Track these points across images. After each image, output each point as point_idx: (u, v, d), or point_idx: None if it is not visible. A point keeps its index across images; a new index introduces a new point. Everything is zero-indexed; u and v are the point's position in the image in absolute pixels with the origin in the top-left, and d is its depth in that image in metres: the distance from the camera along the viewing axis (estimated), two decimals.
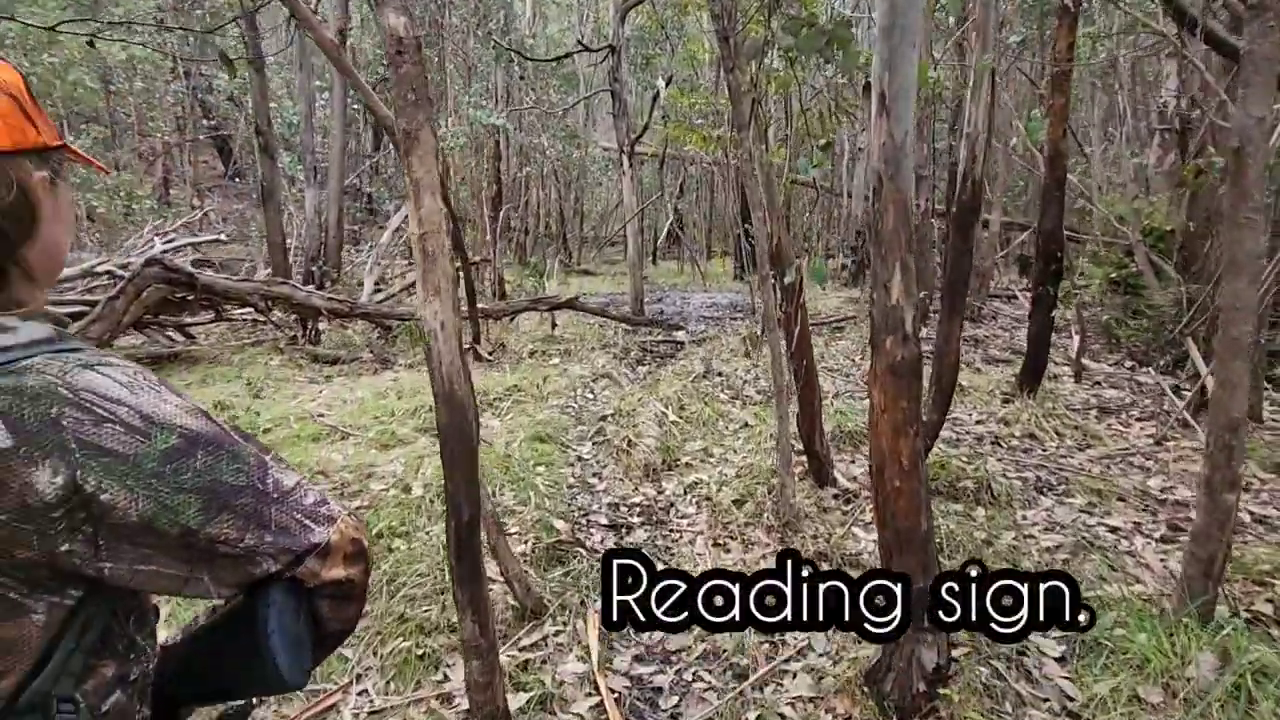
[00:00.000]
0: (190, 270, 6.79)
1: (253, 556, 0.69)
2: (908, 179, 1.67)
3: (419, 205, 1.56)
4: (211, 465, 0.66)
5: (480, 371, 6.58)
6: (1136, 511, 3.42)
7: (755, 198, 2.79)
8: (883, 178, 1.66)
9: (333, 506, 0.77)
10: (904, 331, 1.74)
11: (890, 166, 1.65)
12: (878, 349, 1.79)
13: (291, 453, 4.28)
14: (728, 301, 11.76)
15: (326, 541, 0.74)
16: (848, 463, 4.06)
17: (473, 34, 11.04)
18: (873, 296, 1.77)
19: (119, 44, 9.73)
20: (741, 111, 2.66)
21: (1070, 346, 6.62)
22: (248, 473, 0.69)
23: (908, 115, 1.63)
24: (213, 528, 0.65)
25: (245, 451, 0.70)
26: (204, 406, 0.71)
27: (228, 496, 0.66)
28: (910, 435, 1.82)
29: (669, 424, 4.72)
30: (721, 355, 7.22)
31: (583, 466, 4.20)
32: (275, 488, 0.71)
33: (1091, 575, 2.80)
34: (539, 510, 3.40)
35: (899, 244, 1.69)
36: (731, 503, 3.44)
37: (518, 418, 5.04)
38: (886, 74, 1.61)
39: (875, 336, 1.79)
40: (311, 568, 0.73)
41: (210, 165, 19.52)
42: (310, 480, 0.80)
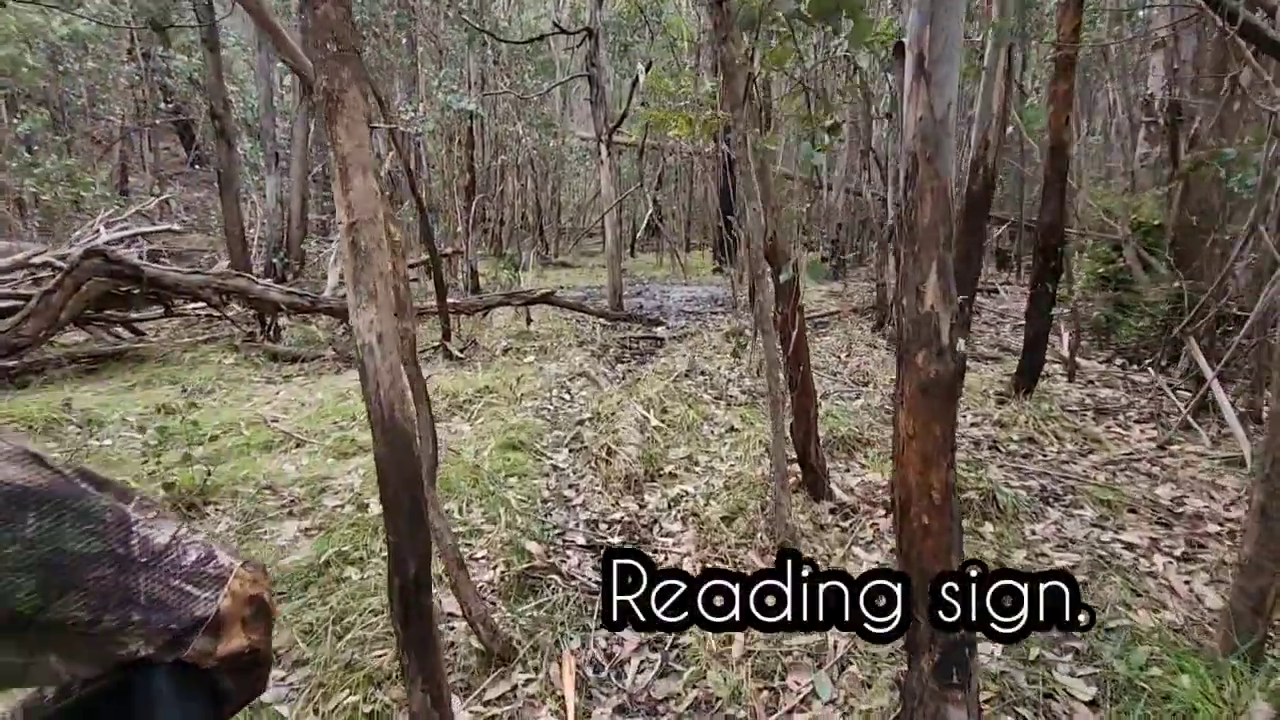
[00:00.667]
0: (135, 262, 6.32)
1: (116, 638, 0.54)
2: (948, 161, 1.38)
3: (347, 187, 1.24)
4: (49, 531, 0.51)
5: (450, 371, 6.23)
6: (1150, 525, 3.21)
7: (749, 188, 2.50)
8: (918, 159, 1.37)
9: (221, 559, 0.62)
10: (939, 344, 1.46)
11: (929, 146, 1.36)
12: (906, 364, 1.51)
13: (238, 464, 3.91)
14: (708, 295, 11.50)
15: (216, 611, 0.59)
16: (842, 471, 3.81)
17: (444, 15, 10.58)
18: (900, 302, 1.49)
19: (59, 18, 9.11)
20: (735, 89, 2.36)
21: (1060, 343, 6.47)
22: (102, 534, 0.54)
23: (951, 83, 1.35)
24: (56, 612, 0.50)
25: (97, 506, 0.54)
26: (37, 449, 0.54)
27: (75, 570, 0.51)
28: (943, 466, 1.55)
29: (651, 429, 4.42)
30: (704, 352, 6.94)
31: (558, 477, 3.89)
32: (143, 549, 0.56)
33: (1114, 600, 2.57)
34: (510, 530, 3.09)
35: (936, 239, 1.41)
36: (721, 519, 3.16)
37: (489, 422, 4.71)
38: (927, 30, 1.32)
39: (903, 349, 1.51)
40: (201, 647, 0.58)
41: (172, 151, 18.72)
42: (193, 533, 0.61)
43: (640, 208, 18.14)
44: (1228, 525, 3.15)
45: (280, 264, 9.04)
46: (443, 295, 6.74)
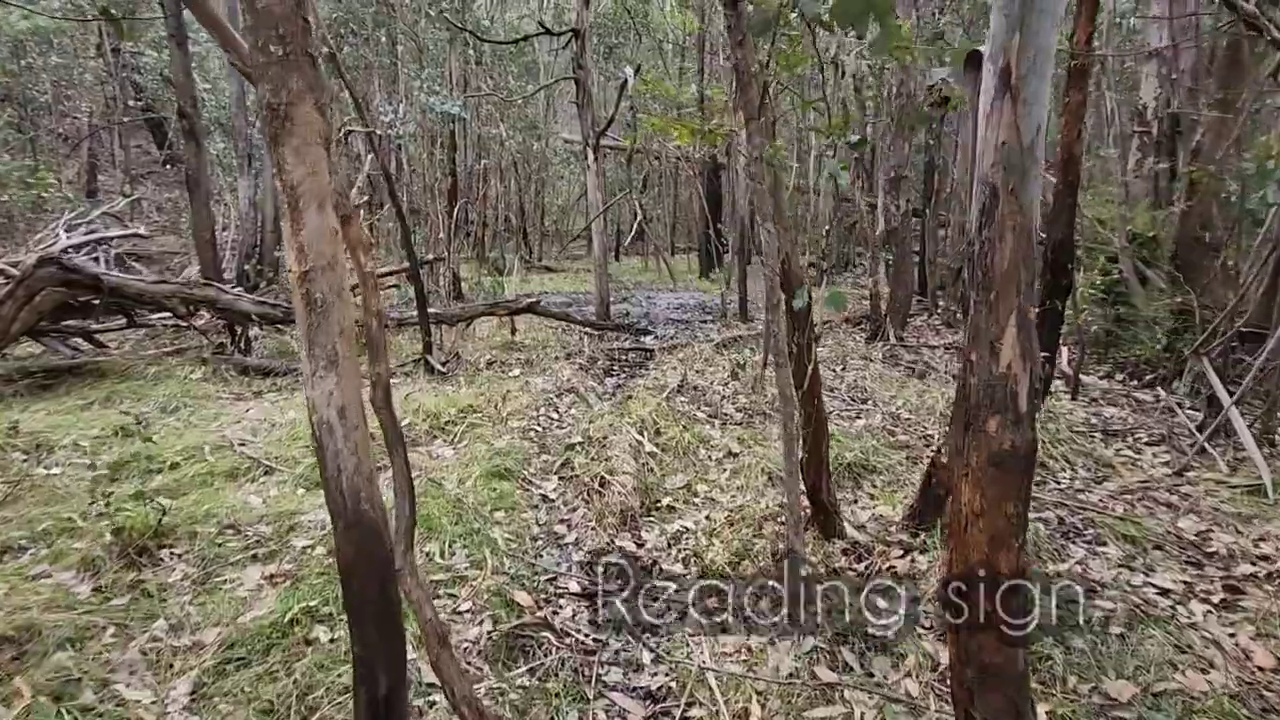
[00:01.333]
0: (94, 271, 5.95)
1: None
2: (1034, 195, 1.16)
3: (298, 225, 0.98)
4: None
5: (432, 386, 5.93)
6: (1180, 564, 3.02)
7: (763, 206, 2.26)
8: (998, 192, 1.14)
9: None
10: (1015, 411, 1.23)
11: (1012, 176, 1.13)
12: (975, 431, 1.28)
13: (200, 496, 3.60)
14: (695, 302, 11.29)
15: None
16: (850, 504, 3.59)
17: (425, 13, 10.25)
18: (969, 358, 1.26)
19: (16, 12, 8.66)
20: (750, 98, 2.13)
21: (1059, 358, 6.32)
22: None
23: (1041, 102, 1.12)
24: None
25: None
26: None
27: None
28: (1014, 549, 1.32)
29: (645, 454, 4.18)
30: (695, 365, 6.72)
31: (548, 510, 3.63)
32: None
33: (1157, 657, 2.37)
34: (496, 576, 2.82)
35: (1017, 287, 1.18)
36: (726, 562, 2.92)
37: (473, 445, 4.44)
38: (1016, 39, 1.10)
39: (972, 414, 1.28)
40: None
41: (145, 150, 18.13)
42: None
43: (625, 212, 17.91)
44: (1262, 566, 2.98)
45: (253, 271, 8.67)
46: (424, 306, 6.45)
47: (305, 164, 0.96)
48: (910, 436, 4.74)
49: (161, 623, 2.54)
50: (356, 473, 1.07)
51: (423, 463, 4.13)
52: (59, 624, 2.46)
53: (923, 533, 3.07)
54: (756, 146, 2.19)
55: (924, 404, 5.35)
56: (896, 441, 4.58)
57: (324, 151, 0.99)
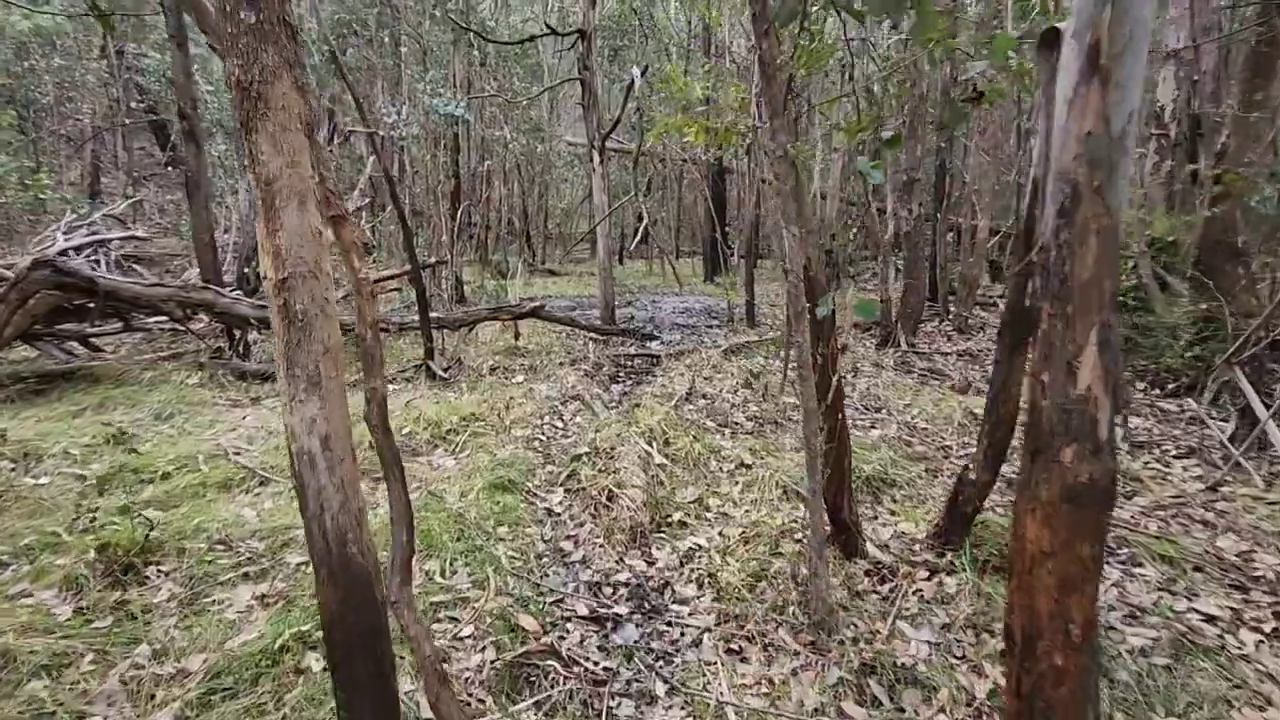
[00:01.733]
0: (89, 274, 5.82)
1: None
2: (1122, 192, 1.01)
3: (274, 226, 0.84)
4: None
5: (434, 393, 5.79)
6: (1224, 588, 2.86)
7: (787, 210, 2.12)
8: (1081, 189, 0.99)
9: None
10: (1095, 439, 1.08)
11: (1098, 171, 0.98)
12: (1046, 461, 1.13)
13: (191, 509, 3.46)
14: (702, 306, 11.14)
15: None
16: (870, 519, 3.43)
17: (429, 15, 10.14)
18: (1040, 379, 1.11)
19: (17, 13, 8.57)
20: (774, 93, 1.98)
21: None
22: None
23: (1135, 85, 0.97)
24: None
25: None
26: None
27: None
28: (1087, 595, 1.17)
29: (654, 465, 4.02)
30: (703, 372, 6.56)
31: (554, 525, 3.48)
32: None
33: (1209, 692, 2.21)
34: (500, 598, 2.67)
35: (1100, 299, 1.03)
36: (742, 584, 2.76)
37: (475, 455, 4.29)
38: (1108, 12, 0.95)
39: (1043, 441, 1.13)
40: None
41: (148, 151, 18.07)
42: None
43: (630, 215, 17.79)
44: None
45: (253, 274, 8.53)
46: (425, 311, 6.31)
47: (283, 153, 0.82)
48: (928, 447, 4.58)
49: (144, 648, 2.39)
50: (343, 511, 0.92)
51: (423, 474, 3.99)
52: (35, 650, 2.31)
53: (949, 553, 2.91)
54: (780, 144, 2.05)
55: (940, 413, 5.19)
56: (914, 453, 4.42)
57: (305, 139, 0.84)
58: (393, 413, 5.03)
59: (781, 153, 2.01)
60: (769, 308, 10.31)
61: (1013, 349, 2.68)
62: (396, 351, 7.42)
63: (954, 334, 8.56)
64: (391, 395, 6.07)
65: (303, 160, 0.85)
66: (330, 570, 0.95)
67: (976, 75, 1.97)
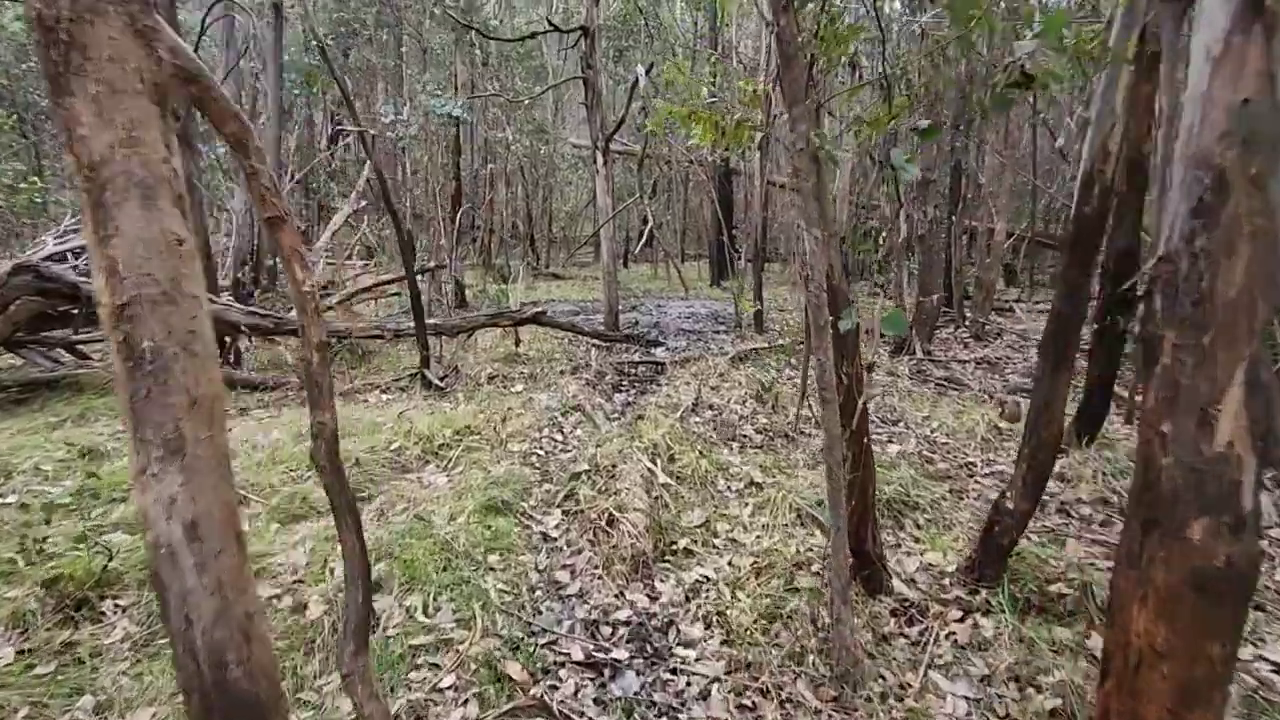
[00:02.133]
0: (73, 279, 5.61)
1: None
2: None
3: (104, 231, 0.58)
4: None
5: (428, 403, 5.55)
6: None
7: (809, 211, 1.86)
8: (1228, 178, 0.73)
9: None
10: (1237, 511, 0.82)
11: (1256, 153, 0.72)
12: (1163, 537, 0.87)
13: None
14: (707, 311, 10.87)
15: None
16: (893, 547, 3.15)
17: (429, 14, 9.94)
18: (1160, 430, 0.85)
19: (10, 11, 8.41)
20: (796, 76, 1.73)
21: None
22: None
23: None
24: None
25: None
26: None
27: None
28: (1214, 706, 0.90)
29: (658, 485, 3.76)
30: (709, 381, 6.28)
31: (549, 552, 3.22)
32: None
33: None
34: (487, 639, 2.42)
35: (1249, 326, 0.77)
36: (754, 624, 2.49)
37: (469, 472, 4.04)
38: None
39: (1162, 509, 0.86)
40: None
41: None
42: None
43: (634, 218, 17.55)
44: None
45: (247, 278, 8.34)
46: (421, 317, 6.07)
47: (113, 126, 0.57)
48: (950, 465, 4.30)
49: (88, 699, 2.14)
50: (219, 624, 0.67)
51: (412, 493, 3.73)
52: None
53: (984, 589, 2.64)
54: (800, 135, 1.79)
55: (962, 426, 4.91)
56: (936, 471, 4.15)
57: (153, 106, 0.59)
58: (384, 425, 4.80)
59: (802, 145, 1.75)
60: (777, 312, 10.03)
61: (1056, 365, 2.41)
62: (393, 359, 7.19)
63: (971, 341, 8.27)
64: (384, 406, 5.84)
65: (149, 136, 0.59)
66: (204, 699, 0.69)
67: (1025, 56, 1.71)
